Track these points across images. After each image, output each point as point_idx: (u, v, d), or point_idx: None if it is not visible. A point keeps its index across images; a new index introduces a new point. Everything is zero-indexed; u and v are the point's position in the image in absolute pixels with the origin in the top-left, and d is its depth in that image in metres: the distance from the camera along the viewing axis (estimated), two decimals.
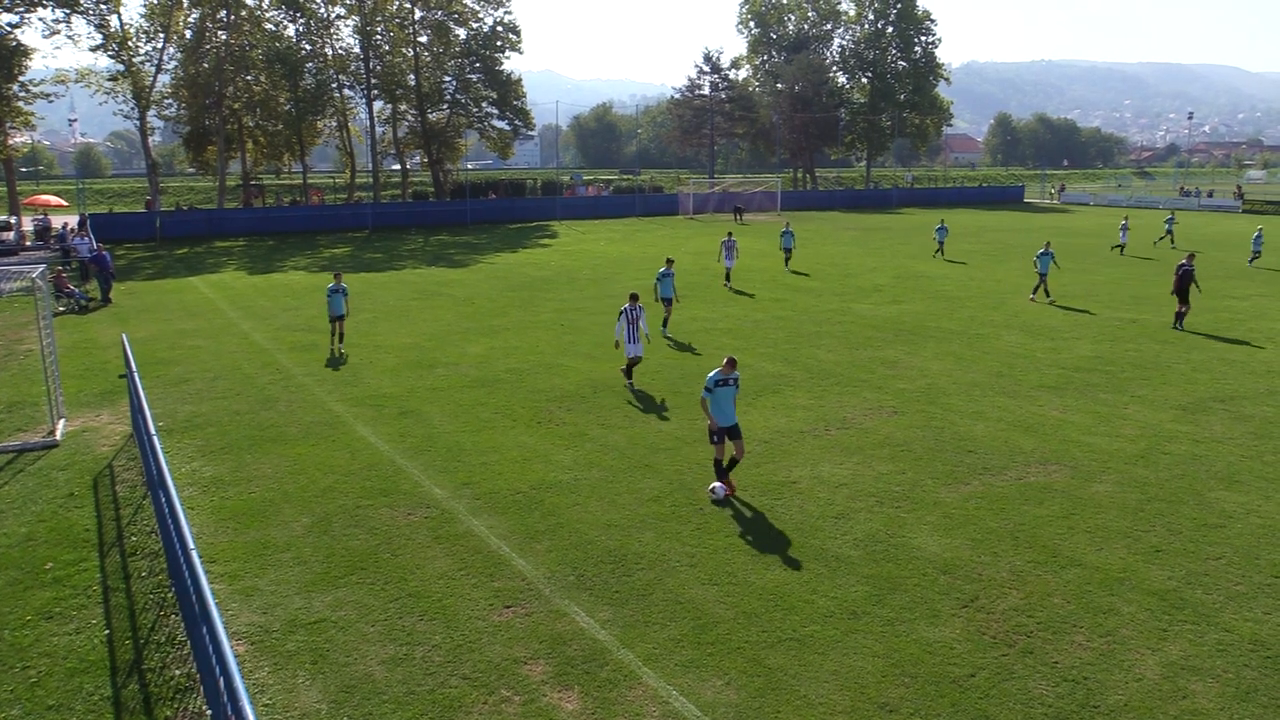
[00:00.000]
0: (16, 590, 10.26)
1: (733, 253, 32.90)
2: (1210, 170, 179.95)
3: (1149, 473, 13.68)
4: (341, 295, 21.79)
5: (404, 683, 8.45)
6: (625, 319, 18.09)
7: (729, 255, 32.87)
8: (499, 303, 29.48)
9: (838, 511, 12.29)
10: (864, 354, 21.55)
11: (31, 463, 14.44)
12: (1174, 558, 10.90)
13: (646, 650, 8.98)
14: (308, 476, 13.66)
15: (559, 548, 11.23)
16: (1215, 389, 18.42)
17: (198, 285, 34.22)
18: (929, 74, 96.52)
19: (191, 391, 18.61)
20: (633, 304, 18.18)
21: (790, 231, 38.27)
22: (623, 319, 18.11)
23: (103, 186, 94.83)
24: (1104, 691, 8.30)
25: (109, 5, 54.25)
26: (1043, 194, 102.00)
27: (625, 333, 18.13)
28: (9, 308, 29.17)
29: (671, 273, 24.14)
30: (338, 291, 21.76)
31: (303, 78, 64.86)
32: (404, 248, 47.31)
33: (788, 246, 37.79)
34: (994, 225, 60.96)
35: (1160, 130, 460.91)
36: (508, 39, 71.28)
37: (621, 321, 18.12)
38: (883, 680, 8.48)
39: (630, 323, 18.05)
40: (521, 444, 15.11)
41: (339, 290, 21.80)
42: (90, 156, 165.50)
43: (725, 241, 33.13)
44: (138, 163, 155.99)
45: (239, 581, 10.37)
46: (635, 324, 18.07)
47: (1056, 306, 28.16)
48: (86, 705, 8.20)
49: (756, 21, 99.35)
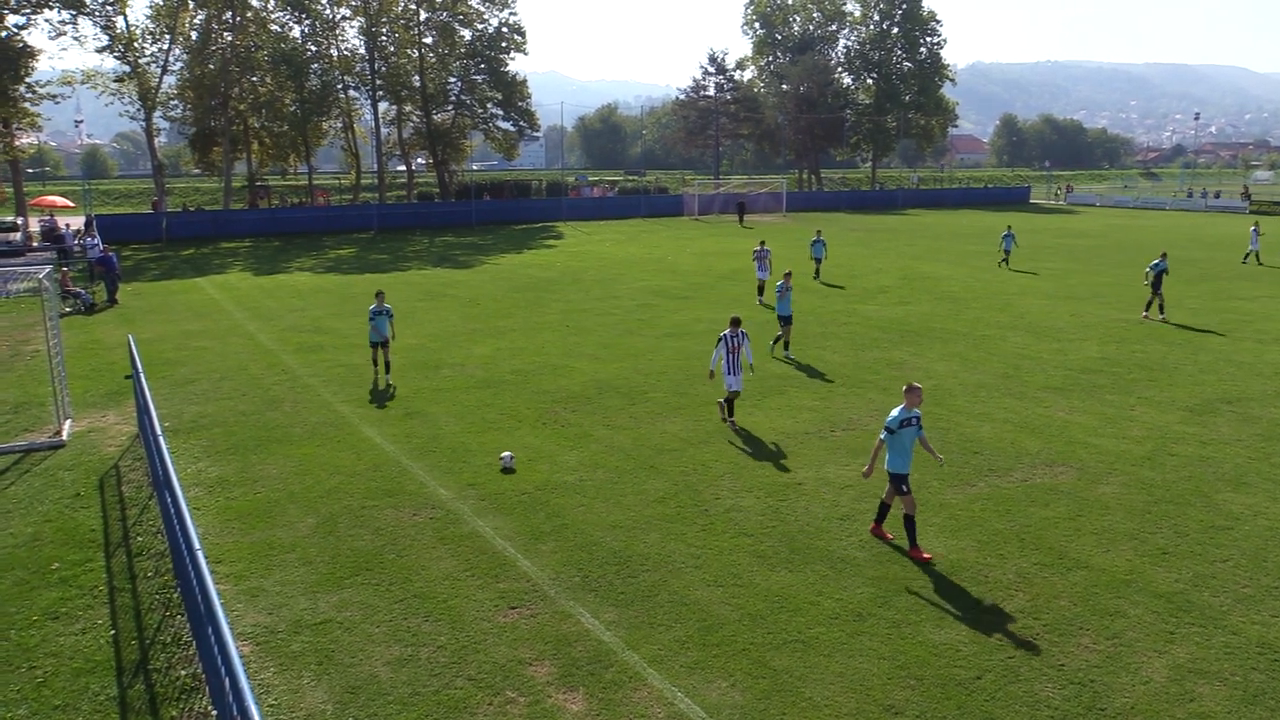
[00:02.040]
0: (23, 590, 10.28)
1: (765, 263, 29.84)
2: (1217, 171, 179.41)
3: (1156, 474, 13.64)
4: (386, 318, 19.00)
5: (409, 683, 8.45)
6: (724, 347, 15.85)
7: (762, 267, 29.81)
8: (504, 304, 29.49)
9: (843, 513, 12.27)
10: (870, 355, 21.52)
11: (38, 463, 14.48)
12: (1181, 560, 10.87)
13: (652, 651, 8.97)
14: (313, 477, 13.68)
15: (564, 549, 11.22)
16: (1223, 390, 18.36)
17: (204, 286, 34.29)
18: (934, 75, 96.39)
19: (197, 392, 18.64)
20: (734, 330, 15.92)
21: (822, 240, 35.05)
22: (721, 347, 15.89)
23: (109, 187, 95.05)
24: (1110, 694, 8.27)
25: (115, 7, 54.42)
26: (1049, 195, 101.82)
27: (724, 363, 15.87)
28: (15, 308, 29.24)
29: (789, 286, 21.37)
30: (381, 313, 18.91)
31: (308, 79, 64.97)
32: (409, 249, 47.36)
33: (818, 256, 34.74)
34: (1000, 227, 60.71)
35: (1166, 131, 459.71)
36: (513, 40, 71.34)
37: (720, 350, 15.90)
38: (888, 682, 8.46)
39: (731, 351, 15.81)
40: (527, 445, 15.10)
41: (383, 312, 18.93)
42: (96, 157, 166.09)
43: (757, 251, 30.05)
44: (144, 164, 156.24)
45: (244, 582, 10.38)
46: (736, 353, 15.86)
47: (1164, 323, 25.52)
48: (92, 705, 8.21)
49: (762, 22, 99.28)
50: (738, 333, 15.90)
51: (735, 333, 15.88)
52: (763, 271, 29.80)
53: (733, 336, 15.82)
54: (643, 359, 21.15)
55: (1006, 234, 38.56)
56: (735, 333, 15.88)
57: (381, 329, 18.98)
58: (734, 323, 16.12)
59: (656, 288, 32.44)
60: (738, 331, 15.91)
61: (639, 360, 21.02)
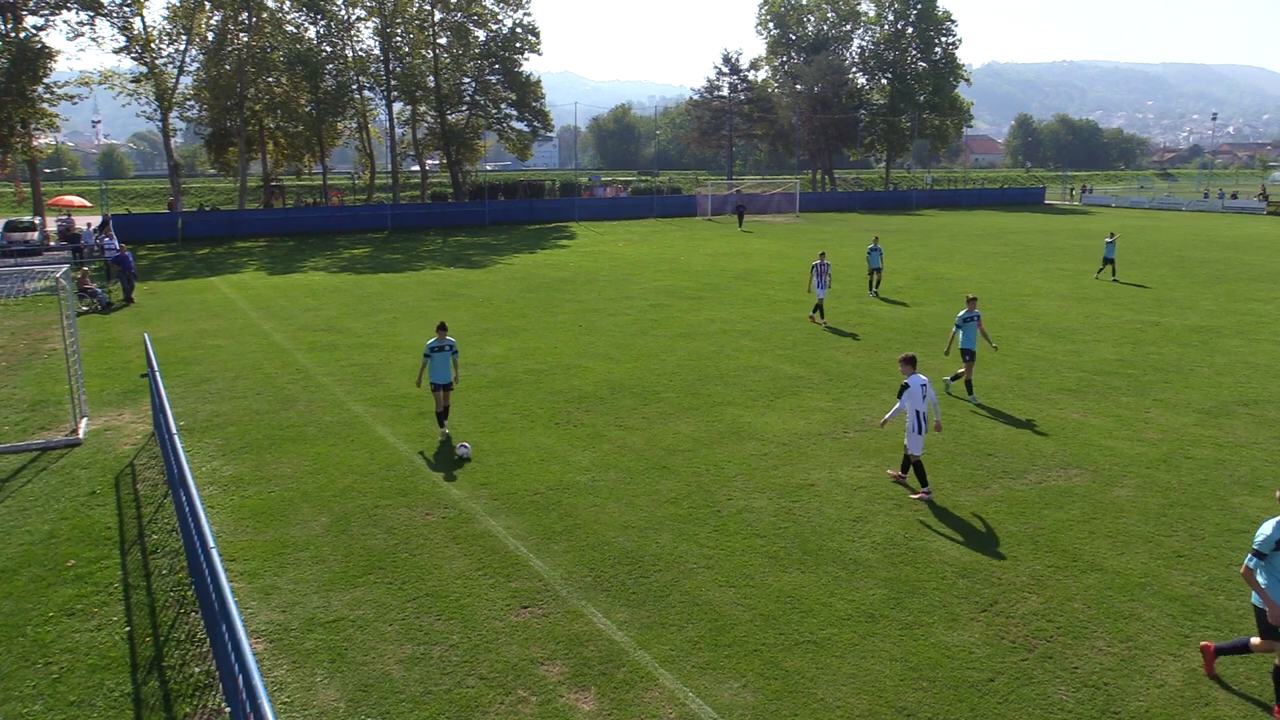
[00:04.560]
0: (39, 587, 10.36)
1: (825, 278, 25.58)
2: (1234, 172, 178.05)
3: (1171, 477, 13.55)
4: (449, 354, 15.18)
5: (421, 682, 8.47)
6: (911, 400, 12.70)
7: (820, 283, 25.55)
8: (517, 304, 29.54)
9: (856, 514, 12.24)
10: (883, 356, 21.45)
11: (54, 461, 14.59)
12: (1197, 563, 10.79)
13: (663, 652, 8.96)
14: (327, 476, 13.73)
15: (576, 549, 11.23)
16: (1239, 392, 18.23)
17: (219, 285, 34.48)
18: (949, 75, 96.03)
19: (212, 391, 18.75)
20: (915, 373, 12.85)
21: (879, 249, 30.90)
22: (906, 399, 12.73)
23: (125, 187, 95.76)
24: (1124, 698, 8.22)
25: (132, 8, 54.86)
26: (1064, 195, 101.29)
27: (913, 420, 12.72)
28: (33, 307, 29.48)
29: (977, 314, 17.58)
30: (442, 349, 15.10)
31: (323, 79, 65.26)
32: (423, 248, 47.50)
33: (876, 266, 30.69)
34: (1014, 227, 60.59)
35: (1183, 131, 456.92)
36: (527, 40, 71.45)
37: (905, 403, 12.74)
38: (901, 684, 8.44)
39: (920, 403, 12.69)
40: (539, 445, 15.13)
41: (444, 348, 15.11)
42: (113, 157, 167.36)
43: (817, 265, 25.72)
44: (160, 164, 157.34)
45: (258, 580, 10.43)
46: (925, 403, 12.74)
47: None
48: (107, 701, 8.27)
49: (776, 22, 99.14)
50: (928, 386, 12.78)
51: (924, 384, 12.73)
52: (821, 288, 25.61)
53: (923, 387, 12.66)
54: (655, 359, 21.15)
55: (1110, 240, 34.75)
56: (924, 384, 12.73)
57: (442, 372, 15.13)
58: (910, 361, 12.97)
59: (669, 288, 32.43)
60: (928, 387, 12.78)
61: (652, 361, 21.02)
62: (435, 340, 15.17)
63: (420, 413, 16.91)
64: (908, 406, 12.77)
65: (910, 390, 12.73)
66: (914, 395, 12.73)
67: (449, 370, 15.23)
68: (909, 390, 12.74)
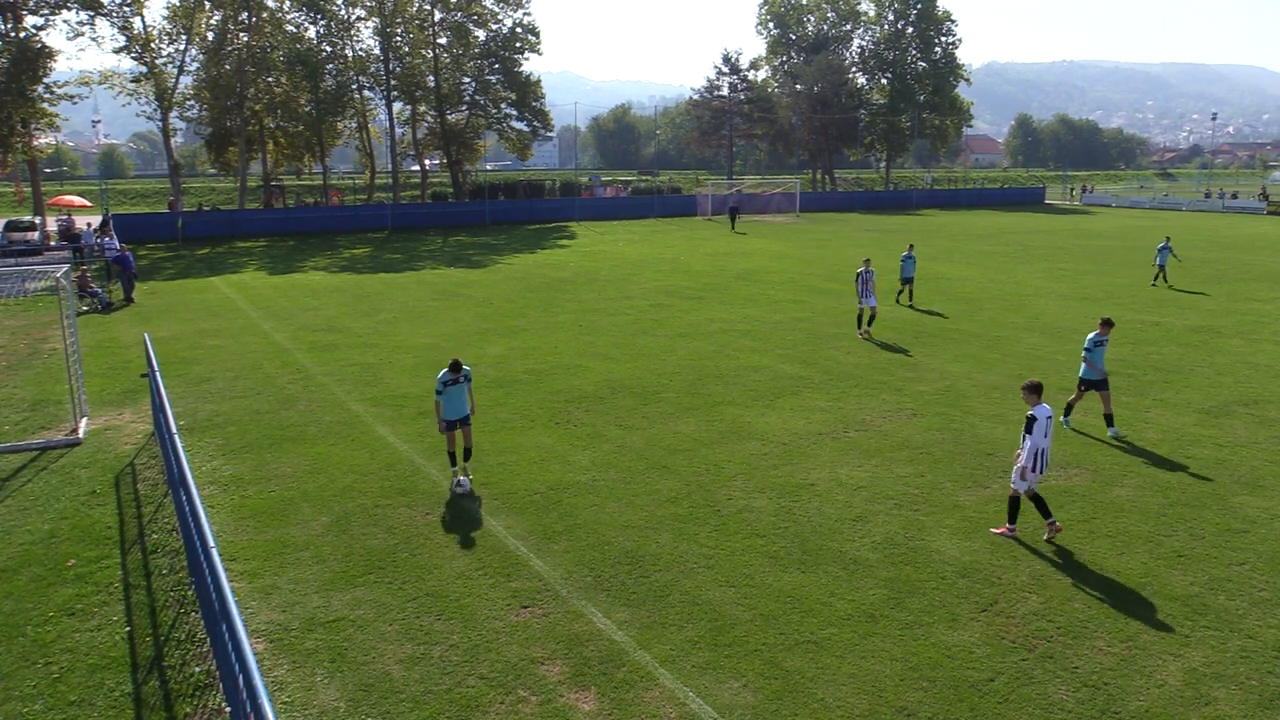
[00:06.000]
0: (39, 587, 10.36)
1: (871, 287, 23.48)
2: (1234, 171, 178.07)
3: (1171, 477, 13.55)
4: (465, 385, 13.32)
5: (421, 682, 8.48)
6: (1030, 438, 11.20)
7: (866, 291, 23.45)
8: (518, 303, 29.54)
9: (856, 514, 12.24)
10: (883, 356, 21.45)
11: (55, 460, 14.59)
12: (1197, 563, 10.79)
13: (664, 651, 8.96)
14: (327, 476, 13.73)
15: (576, 548, 11.23)
16: (1239, 392, 18.22)
17: (219, 285, 34.48)
18: (949, 75, 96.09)
19: (212, 391, 18.75)
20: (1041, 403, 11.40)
21: (913, 257, 29.23)
22: (1039, 434, 11.20)
23: (125, 187, 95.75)
24: (1125, 697, 8.22)
25: (132, 7, 54.84)
26: (1064, 195, 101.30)
27: (1029, 458, 11.23)
28: (33, 307, 29.49)
29: (1105, 339, 15.64)
30: (456, 382, 13.20)
31: (323, 79, 65.26)
32: (423, 248, 47.51)
33: (908, 276, 28.93)
34: (1014, 227, 60.60)
35: (1183, 131, 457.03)
36: (527, 40, 71.46)
37: (1038, 436, 11.20)
38: (901, 684, 8.44)
39: (1044, 439, 11.26)
40: (539, 444, 15.13)
41: (458, 381, 13.21)
42: (113, 157, 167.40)
43: (861, 273, 23.69)
44: (160, 163, 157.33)
45: (258, 580, 10.43)
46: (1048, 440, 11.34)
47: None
48: (108, 701, 8.27)
49: (776, 22, 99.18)
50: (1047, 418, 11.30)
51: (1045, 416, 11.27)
52: (868, 297, 23.48)
53: (1045, 420, 11.24)
54: (656, 359, 21.15)
55: (1163, 246, 33.40)
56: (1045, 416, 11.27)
57: (457, 406, 13.26)
58: (1037, 390, 11.49)
59: (670, 288, 32.43)
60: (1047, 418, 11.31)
61: (652, 360, 21.02)
62: (447, 373, 13.06)
63: (420, 412, 16.91)
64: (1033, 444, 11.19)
65: (1038, 423, 11.15)
66: (1042, 429, 11.19)
67: (465, 403, 13.31)
68: (1037, 424, 11.16)
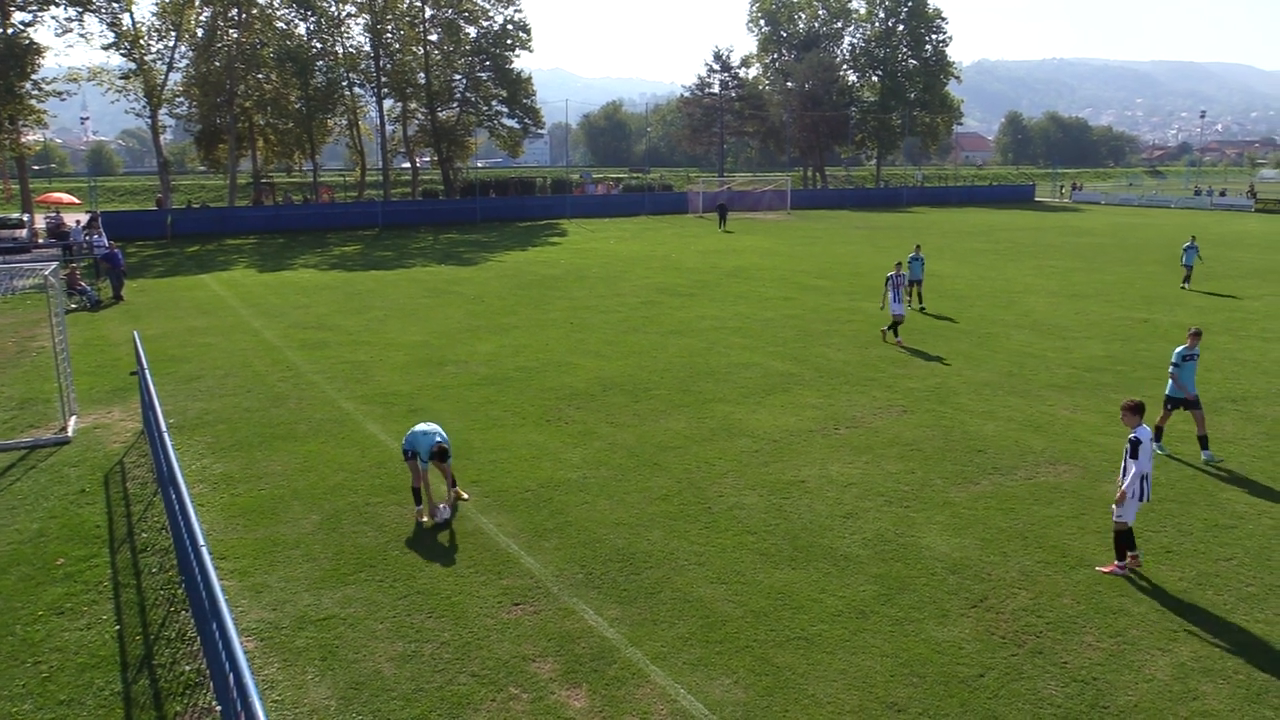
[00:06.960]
0: (28, 586, 10.32)
1: (900, 291, 22.40)
2: (1223, 169, 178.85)
3: (1159, 473, 13.59)
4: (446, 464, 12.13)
5: (412, 679, 8.47)
6: (1135, 463, 10.24)
7: (895, 297, 22.34)
8: (509, 301, 29.50)
9: (846, 511, 12.27)
10: (873, 353, 21.50)
11: (43, 459, 14.52)
12: (1185, 558, 10.85)
13: (655, 648, 8.98)
14: (317, 474, 13.70)
15: (567, 546, 11.24)
16: (1227, 389, 18.32)
17: (208, 283, 34.35)
18: (940, 72, 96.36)
19: (202, 388, 18.68)
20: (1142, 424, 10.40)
21: (921, 258, 27.99)
22: (1134, 468, 10.24)
23: (114, 184, 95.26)
24: (1114, 692, 8.27)
25: (121, 4, 54.63)
26: (1054, 193, 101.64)
27: (1136, 485, 10.27)
28: (22, 305, 29.33)
29: (1196, 353, 14.54)
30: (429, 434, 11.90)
31: (313, 76, 65.09)
32: (414, 246, 47.41)
33: (918, 278, 27.61)
34: (1005, 224, 60.77)
35: (1172, 129, 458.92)
36: (518, 37, 71.37)
37: (1133, 471, 10.25)
38: (891, 680, 8.47)
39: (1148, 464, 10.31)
40: (530, 442, 15.12)
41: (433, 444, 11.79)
42: (102, 154, 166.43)
43: (892, 277, 22.62)
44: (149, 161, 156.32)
45: (249, 578, 10.41)
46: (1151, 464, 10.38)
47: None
48: (97, 700, 8.25)
49: (767, 20, 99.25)
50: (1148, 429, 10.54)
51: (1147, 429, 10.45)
52: (898, 303, 22.42)
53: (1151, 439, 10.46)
54: (647, 356, 21.15)
55: (1189, 245, 32.46)
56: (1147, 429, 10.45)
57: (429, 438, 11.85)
58: (1139, 411, 10.43)
59: (661, 285, 32.44)
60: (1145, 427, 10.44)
61: (643, 358, 21.03)
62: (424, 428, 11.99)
63: (411, 410, 16.89)
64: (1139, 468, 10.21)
65: (1143, 446, 10.16)
66: (1147, 453, 10.21)
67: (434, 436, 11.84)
68: (1142, 447, 10.17)
